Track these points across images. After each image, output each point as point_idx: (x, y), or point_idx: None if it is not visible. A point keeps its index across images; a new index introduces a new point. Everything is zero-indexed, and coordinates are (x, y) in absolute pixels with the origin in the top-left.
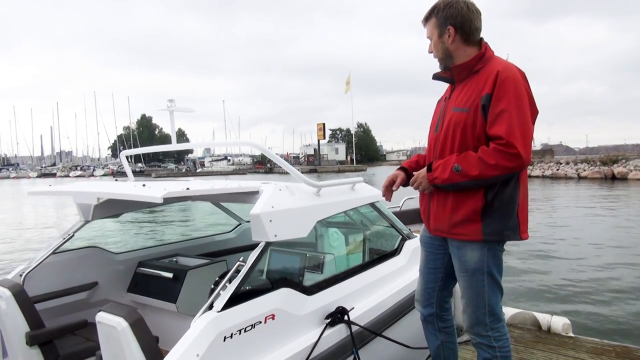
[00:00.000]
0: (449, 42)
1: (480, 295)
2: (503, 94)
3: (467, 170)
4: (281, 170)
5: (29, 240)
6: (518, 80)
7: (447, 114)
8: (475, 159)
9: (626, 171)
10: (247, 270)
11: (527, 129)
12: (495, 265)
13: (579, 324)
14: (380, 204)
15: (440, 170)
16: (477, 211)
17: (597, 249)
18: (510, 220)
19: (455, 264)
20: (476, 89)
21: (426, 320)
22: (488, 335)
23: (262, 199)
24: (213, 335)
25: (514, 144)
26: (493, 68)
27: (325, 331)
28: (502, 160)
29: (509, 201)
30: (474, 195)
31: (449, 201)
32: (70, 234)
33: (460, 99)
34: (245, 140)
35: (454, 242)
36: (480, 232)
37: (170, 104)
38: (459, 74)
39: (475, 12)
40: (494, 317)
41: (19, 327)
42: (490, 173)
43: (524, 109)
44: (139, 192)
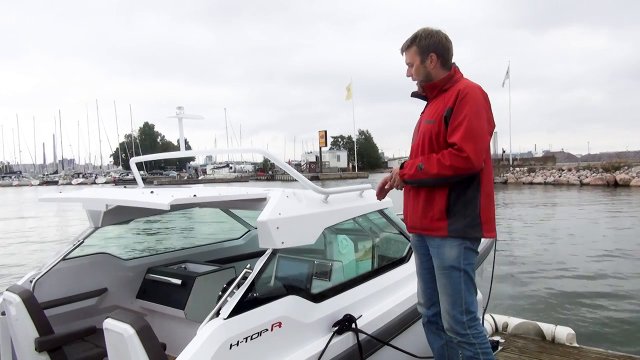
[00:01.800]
0: (431, 66)
1: (456, 292)
2: (461, 109)
3: (428, 169)
4: (283, 177)
5: (32, 249)
6: (477, 98)
7: (420, 126)
8: (435, 159)
9: (628, 178)
10: (253, 277)
11: (479, 139)
12: (470, 264)
13: (584, 333)
14: (389, 210)
15: (408, 168)
16: (442, 210)
17: (601, 257)
18: (472, 220)
19: (434, 262)
20: (442, 103)
21: (430, 321)
22: (467, 334)
23: (269, 206)
24: (219, 342)
25: (464, 149)
26: (458, 87)
27: (332, 339)
28: (455, 162)
29: (469, 202)
30: (440, 197)
31: (421, 201)
32: (81, 241)
33: (430, 113)
34: (252, 147)
35: (434, 240)
36: (446, 229)
37: (179, 111)
38: (430, 92)
39: (450, 42)
40: (471, 315)
41: (28, 333)
42: (446, 172)
43: (479, 122)
44: (147, 199)
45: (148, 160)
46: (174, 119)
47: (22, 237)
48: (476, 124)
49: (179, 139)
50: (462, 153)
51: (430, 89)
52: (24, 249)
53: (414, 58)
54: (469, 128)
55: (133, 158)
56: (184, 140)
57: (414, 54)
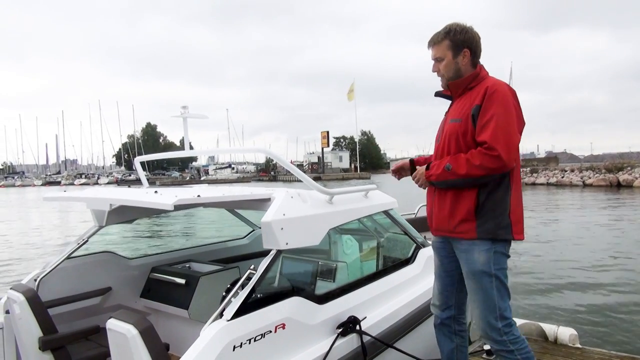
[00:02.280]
0: (463, 62)
1: (489, 298)
2: (490, 106)
3: (456, 169)
4: (285, 178)
5: (35, 245)
6: (505, 94)
7: (445, 125)
8: (464, 159)
9: (632, 179)
10: (257, 278)
11: (510, 136)
12: (502, 268)
13: (586, 334)
14: (395, 211)
15: (435, 168)
16: (471, 211)
17: (604, 258)
18: (502, 220)
19: (463, 267)
20: (468, 102)
21: (443, 324)
22: (503, 340)
23: (274, 207)
24: (223, 344)
25: (495, 147)
26: (484, 84)
27: (336, 341)
28: (485, 161)
29: (500, 202)
30: (468, 197)
31: (447, 203)
32: (85, 239)
33: (456, 112)
34: (257, 147)
35: (461, 244)
36: (475, 231)
37: (184, 111)
38: (456, 91)
39: (480, 40)
40: (506, 321)
41: (32, 332)
42: (475, 172)
43: (508, 119)
44: (151, 199)
45: (150, 161)
46: (178, 120)
47: (25, 237)
48: (506, 121)
49: (184, 138)
50: (493, 152)
51: (456, 87)
52: (27, 249)
53: (445, 52)
54: (499, 125)
55: (137, 157)
56: (188, 139)
57: (446, 48)
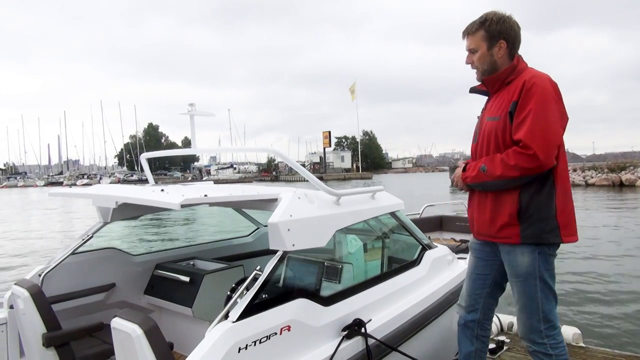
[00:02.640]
0: (498, 55)
1: (533, 301)
2: (527, 102)
3: (491, 171)
4: (287, 178)
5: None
6: (544, 88)
7: (483, 124)
8: (499, 160)
9: (634, 178)
10: (263, 280)
11: (548, 134)
12: (547, 270)
13: (590, 333)
14: (401, 213)
15: (471, 170)
16: (514, 215)
17: (608, 257)
18: (548, 224)
19: (507, 270)
20: (506, 97)
21: (466, 326)
22: (544, 343)
23: (281, 207)
24: (228, 346)
25: (530, 146)
26: (522, 78)
27: (341, 344)
28: (521, 161)
29: (544, 204)
30: (510, 200)
31: (488, 206)
32: (90, 235)
33: (494, 109)
34: (263, 147)
35: (504, 246)
36: (519, 236)
37: (191, 108)
38: (492, 86)
39: (520, 30)
40: (549, 323)
41: (36, 328)
42: (511, 173)
43: (547, 115)
44: (158, 197)
45: (152, 161)
46: (179, 120)
47: (29, 235)
48: (544, 117)
49: (189, 139)
50: (528, 150)
51: (492, 82)
52: (31, 246)
53: (479, 44)
54: (536, 122)
55: (144, 154)
56: (195, 136)
57: (481, 39)
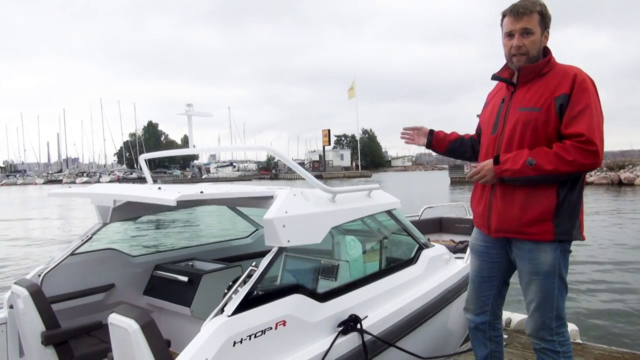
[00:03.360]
0: (543, 43)
1: (549, 298)
2: (582, 95)
3: (541, 165)
4: (287, 176)
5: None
6: (593, 86)
7: (510, 114)
8: (552, 153)
9: (633, 177)
10: (259, 275)
11: (602, 131)
12: (565, 266)
13: (587, 330)
14: (398, 211)
15: (512, 162)
16: (551, 211)
17: (605, 254)
18: (577, 221)
19: (524, 267)
20: (547, 89)
21: (477, 329)
22: (553, 340)
23: (276, 204)
24: (223, 339)
25: (594, 141)
26: (566, 71)
27: (337, 339)
28: (580, 157)
29: (576, 202)
30: (547, 195)
31: (518, 199)
32: (89, 236)
33: (529, 100)
34: (259, 145)
35: (525, 244)
36: (552, 232)
37: (189, 109)
38: (526, 76)
39: None
40: (560, 321)
41: (35, 326)
42: (565, 169)
43: (599, 112)
44: (154, 194)
45: (152, 159)
46: (179, 118)
47: (28, 234)
48: (599, 115)
49: (187, 138)
50: (592, 146)
51: (529, 71)
52: (29, 246)
53: (536, 27)
54: (595, 118)
55: (142, 155)
56: (192, 136)
57: (537, 22)
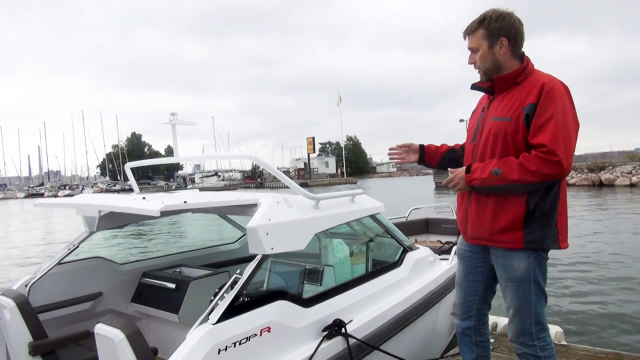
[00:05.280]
0: (500, 53)
1: (526, 304)
2: (548, 105)
3: (506, 174)
4: (272, 184)
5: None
6: (562, 93)
7: (486, 123)
8: (517, 164)
9: (613, 178)
10: (242, 282)
11: (569, 140)
12: (541, 273)
13: (572, 331)
14: (382, 215)
15: (480, 172)
16: (519, 219)
17: (588, 256)
18: (550, 230)
19: (500, 274)
20: (518, 99)
21: (464, 334)
22: (534, 345)
23: (260, 212)
24: (208, 347)
25: (556, 151)
26: (537, 79)
27: (321, 344)
28: (543, 167)
29: (550, 210)
30: (516, 204)
31: (489, 208)
32: (76, 245)
33: (501, 109)
34: (243, 153)
35: (499, 251)
36: (522, 241)
37: (173, 118)
38: (500, 85)
39: (523, 27)
40: (540, 326)
41: (22, 337)
42: (529, 179)
43: (567, 120)
44: (138, 204)
45: (136, 170)
46: (163, 129)
47: (11, 246)
48: (565, 123)
49: (172, 148)
50: (554, 157)
51: (502, 81)
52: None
53: (480, 43)
54: (559, 127)
55: (128, 163)
56: (177, 145)
57: (481, 38)
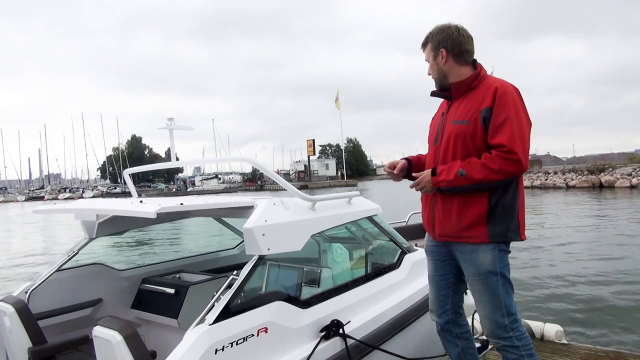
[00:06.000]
0: (442, 63)
1: (496, 297)
2: (503, 107)
3: (471, 174)
4: (272, 187)
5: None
6: (514, 96)
7: (446, 127)
8: (480, 164)
9: (613, 179)
10: (239, 283)
11: (525, 138)
12: (505, 266)
13: (572, 330)
14: (379, 217)
15: (446, 174)
16: (483, 215)
17: (589, 256)
18: (512, 223)
19: (467, 269)
20: (475, 103)
21: (443, 329)
22: (510, 337)
23: (256, 213)
24: (204, 347)
25: (515, 150)
26: (490, 84)
27: (319, 345)
28: (505, 165)
29: (510, 205)
30: (479, 201)
31: (454, 207)
32: (75, 252)
33: (460, 113)
34: (241, 157)
35: (465, 246)
36: (487, 235)
37: (170, 123)
38: (457, 90)
39: (465, 37)
40: (512, 316)
41: (22, 343)
42: (493, 177)
43: (521, 120)
44: (135, 207)
45: (136, 173)
46: (163, 131)
47: (15, 252)
48: (520, 123)
49: (170, 149)
50: (513, 155)
51: (458, 87)
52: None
53: (428, 55)
54: (515, 128)
55: (127, 169)
56: (175, 150)
57: (429, 51)
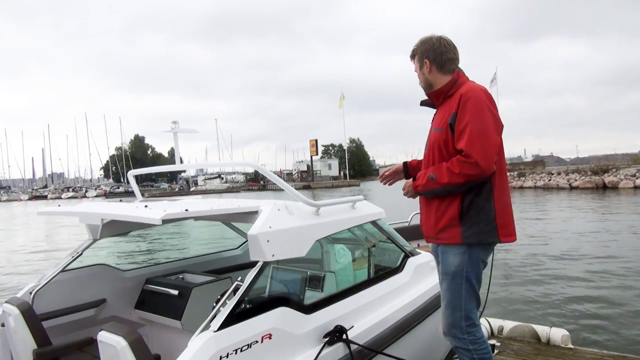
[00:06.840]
0: (427, 72)
1: (457, 298)
2: (464, 113)
3: (439, 178)
4: (275, 187)
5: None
6: (479, 99)
7: (430, 135)
8: (445, 168)
9: (617, 180)
10: (244, 290)
11: (486, 142)
12: (474, 272)
13: (578, 335)
14: (383, 221)
15: (421, 179)
16: (455, 217)
17: (594, 260)
18: (487, 225)
19: (438, 268)
20: (448, 110)
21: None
22: (464, 338)
23: (260, 219)
24: (209, 354)
25: (471, 154)
26: (460, 91)
27: (322, 350)
28: (464, 169)
29: (483, 208)
30: (452, 205)
31: (433, 210)
32: (79, 252)
33: (437, 121)
34: (241, 161)
35: (439, 247)
36: (460, 236)
37: (174, 126)
38: (436, 99)
39: (447, 45)
40: (470, 321)
41: (26, 344)
42: (456, 180)
43: (484, 124)
44: (140, 213)
45: (138, 173)
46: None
47: (19, 250)
48: (480, 127)
49: (174, 152)
50: (470, 159)
51: (436, 95)
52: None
53: (415, 65)
54: (474, 132)
55: (131, 171)
56: (179, 153)
57: (416, 61)
